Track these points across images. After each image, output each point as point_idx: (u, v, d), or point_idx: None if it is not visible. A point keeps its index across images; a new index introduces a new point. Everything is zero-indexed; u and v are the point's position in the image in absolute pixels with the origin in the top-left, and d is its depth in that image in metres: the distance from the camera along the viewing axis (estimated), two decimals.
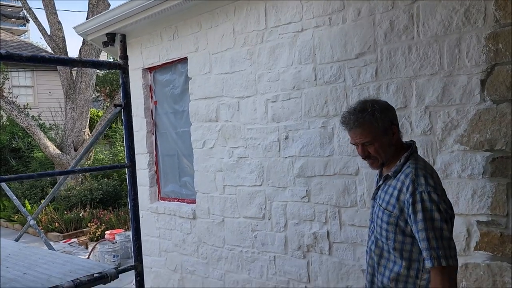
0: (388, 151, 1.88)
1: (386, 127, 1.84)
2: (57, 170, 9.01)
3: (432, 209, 1.69)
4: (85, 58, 2.09)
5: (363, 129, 1.84)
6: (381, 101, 1.94)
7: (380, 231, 1.88)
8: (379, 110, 1.83)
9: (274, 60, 3.45)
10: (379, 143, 1.85)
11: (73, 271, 1.95)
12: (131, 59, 4.80)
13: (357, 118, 1.84)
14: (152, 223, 4.76)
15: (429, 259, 1.67)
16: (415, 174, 1.75)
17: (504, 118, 2.34)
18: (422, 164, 1.83)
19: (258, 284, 3.73)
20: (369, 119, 1.82)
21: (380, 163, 1.91)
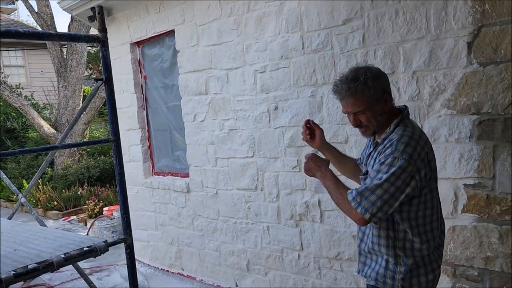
0: (380, 119, 1.84)
1: (378, 95, 1.79)
2: (39, 146, 9.02)
3: (394, 173, 1.67)
4: (61, 32, 2.05)
5: (355, 99, 1.79)
6: (373, 68, 1.85)
7: None
8: (372, 78, 1.76)
9: (261, 30, 3.40)
10: (371, 112, 1.81)
11: (64, 246, 1.97)
12: (118, 33, 4.75)
13: (349, 87, 1.78)
14: (147, 198, 4.80)
15: (352, 196, 1.72)
16: (397, 140, 1.73)
17: (491, 80, 2.32)
18: (410, 131, 1.78)
19: (253, 254, 3.80)
20: (362, 88, 1.76)
21: (372, 131, 1.88)
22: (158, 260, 4.84)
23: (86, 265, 5.33)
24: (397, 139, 1.74)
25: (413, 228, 1.80)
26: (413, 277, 1.82)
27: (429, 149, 1.78)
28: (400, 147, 1.70)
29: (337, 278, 3.23)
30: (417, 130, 1.82)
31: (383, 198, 1.68)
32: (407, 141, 1.72)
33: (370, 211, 1.69)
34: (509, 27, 2.23)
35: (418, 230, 1.81)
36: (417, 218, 1.80)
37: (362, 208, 1.70)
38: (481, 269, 2.47)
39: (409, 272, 1.81)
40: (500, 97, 2.30)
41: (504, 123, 2.29)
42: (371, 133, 1.89)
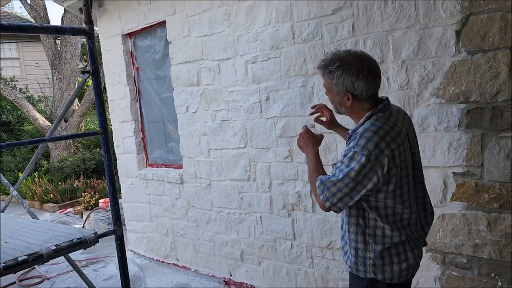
0: (338, 107, 1.89)
1: (339, 90, 1.80)
2: (26, 140, 9.00)
3: (353, 168, 1.69)
4: (47, 24, 2.02)
5: (323, 77, 1.88)
6: (353, 66, 1.75)
7: None
8: (339, 74, 1.76)
9: (251, 20, 3.38)
10: (332, 95, 1.88)
11: (54, 238, 1.98)
12: (110, 25, 4.72)
13: (325, 66, 1.82)
14: (141, 190, 4.81)
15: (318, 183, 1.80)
16: (360, 135, 1.74)
17: (479, 69, 2.32)
18: (376, 126, 1.75)
19: (246, 244, 3.82)
20: (328, 74, 1.80)
21: (336, 110, 1.95)
22: (153, 251, 4.87)
23: (82, 257, 5.36)
24: (361, 133, 1.74)
25: (382, 217, 1.81)
26: (385, 265, 1.83)
27: (396, 145, 1.73)
28: (362, 142, 1.71)
29: (329, 266, 3.26)
30: (386, 125, 1.76)
31: (343, 191, 1.73)
32: (370, 136, 1.71)
33: (330, 201, 1.76)
34: (496, 15, 2.23)
35: (387, 219, 1.81)
36: (386, 207, 1.80)
37: (324, 197, 1.78)
38: (469, 256, 2.49)
39: (380, 259, 1.83)
40: (488, 85, 2.30)
41: (492, 112, 2.30)
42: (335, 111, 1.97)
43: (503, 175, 2.30)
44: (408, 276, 1.88)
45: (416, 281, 2.71)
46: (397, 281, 1.85)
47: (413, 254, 1.86)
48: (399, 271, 1.83)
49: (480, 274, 2.46)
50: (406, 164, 1.79)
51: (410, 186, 1.84)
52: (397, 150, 1.74)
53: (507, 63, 2.23)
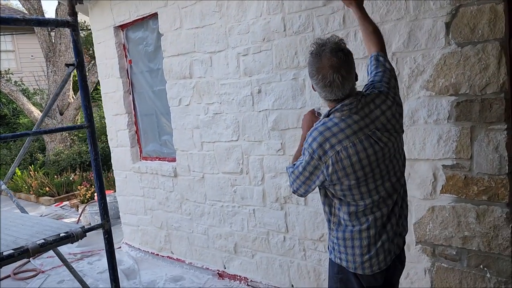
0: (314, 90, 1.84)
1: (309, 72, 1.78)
2: (10, 133, 8.96)
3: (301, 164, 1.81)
4: (29, 16, 1.99)
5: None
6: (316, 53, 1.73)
7: None
8: (309, 57, 1.76)
9: (243, 12, 3.36)
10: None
11: (40, 232, 1.98)
12: (102, 17, 4.68)
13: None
14: (136, 183, 4.80)
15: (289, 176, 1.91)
16: (310, 132, 1.79)
17: (468, 61, 2.31)
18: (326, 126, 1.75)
19: (240, 237, 3.83)
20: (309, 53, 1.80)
21: None
22: (148, 244, 4.88)
23: (77, 250, 5.37)
24: (311, 130, 1.79)
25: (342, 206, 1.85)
26: (348, 254, 1.86)
27: (342, 147, 1.70)
28: (308, 140, 1.77)
29: (321, 259, 3.27)
30: (337, 126, 1.73)
31: (298, 180, 1.85)
32: (315, 136, 1.75)
33: (292, 186, 1.91)
34: (486, 6, 2.21)
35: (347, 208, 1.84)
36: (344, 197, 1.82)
37: (289, 180, 1.93)
38: (459, 248, 2.50)
39: (343, 246, 1.87)
40: (477, 78, 2.29)
41: (481, 104, 2.30)
42: None
43: (492, 167, 2.30)
44: (374, 269, 1.84)
45: (407, 273, 2.72)
46: (361, 272, 1.85)
47: (375, 247, 1.83)
48: (361, 262, 1.84)
49: (469, 266, 2.47)
50: (362, 164, 1.73)
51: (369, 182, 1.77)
52: (344, 152, 1.70)
53: (496, 56, 2.22)
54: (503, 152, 2.26)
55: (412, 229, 2.66)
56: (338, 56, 1.69)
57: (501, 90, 2.23)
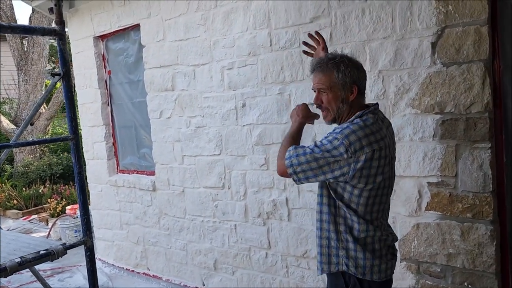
0: (340, 106, 1.84)
1: (345, 82, 1.80)
2: None
3: (329, 150, 1.72)
4: (15, 24, 1.91)
5: (323, 75, 1.83)
6: (354, 59, 1.89)
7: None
8: (346, 65, 1.80)
9: (229, 26, 3.35)
10: (333, 94, 1.83)
11: (18, 249, 1.87)
12: (81, 26, 4.58)
13: (321, 62, 1.85)
14: (112, 197, 4.66)
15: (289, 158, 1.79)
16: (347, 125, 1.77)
17: (453, 80, 2.36)
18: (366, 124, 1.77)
19: (220, 253, 3.75)
20: (332, 67, 1.81)
21: (332, 117, 1.89)
22: (123, 260, 4.72)
23: (47, 266, 5.14)
24: (348, 124, 1.77)
25: (353, 210, 1.83)
26: (358, 258, 1.83)
27: (379, 148, 1.76)
28: (345, 131, 1.73)
29: (304, 276, 3.23)
30: (374, 126, 1.79)
31: (310, 164, 1.75)
32: (356, 129, 1.73)
33: (294, 168, 1.79)
34: (471, 28, 2.27)
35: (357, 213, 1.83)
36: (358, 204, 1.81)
37: (289, 162, 1.79)
38: (443, 265, 2.52)
39: (353, 250, 1.83)
40: (462, 97, 2.34)
41: (466, 123, 2.34)
42: (331, 118, 1.90)
43: (476, 185, 2.34)
44: (381, 276, 1.85)
45: None
46: (369, 278, 1.84)
47: (383, 253, 1.87)
48: (371, 266, 1.83)
49: (453, 283, 2.49)
50: (383, 170, 1.80)
51: (384, 191, 1.86)
52: (378, 153, 1.75)
53: (480, 76, 2.28)
54: (487, 170, 2.30)
55: (397, 246, 2.66)
56: None
57: (485, 110, 2.28)
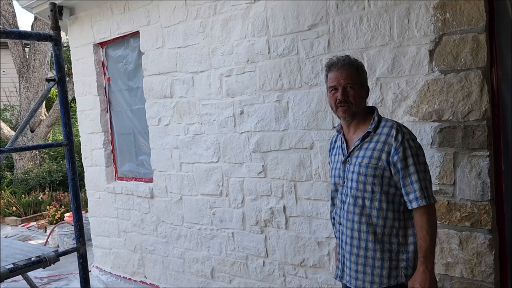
0: (361, 103, 1.97)
1: (365, 81, 2.01)
2: None
3: (418, 154, 1.87)
4: (10, 29, 1.92)
5: (353, 71, 1.94)
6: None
7: (364, 187, 1.91)
8: (362, 67, 2.02)
9: (227, 33, 3.35)
10: (358, 91, 1.95)
11: (10, 256, 1.85)
12: (81, 33, 4.60)
13: (351, 61, 1.97)
14: (109, 204, 4.64)
15: (423, 198, 1.81)
16: (398, 125, 1.89)
17: (451, 88, 2.35)
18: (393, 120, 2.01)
19: (217, 261, 3.72)
20: (359, 66, 1.98)
21: (353, 111, 1.95)
22: (120, 268, 4.68)
23: (44, 273, 5.11)
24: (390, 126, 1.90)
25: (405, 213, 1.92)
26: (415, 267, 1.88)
27: None
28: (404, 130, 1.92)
29: (302, 285, 3.19)
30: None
31: (431, 187, 1.89)
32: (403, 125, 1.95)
33: (432, 197, 1.87)
34: (469, 36, 2.27)
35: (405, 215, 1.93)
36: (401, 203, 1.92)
37: (432, 197, 1.86)
38: (442, 275, 2.48)
39: (412, 260, 1.89)
40: (460, 104, 2.33)
41: (464, 131, 2.33)
42: (351, 113, 1.95)
43: (475, 194, 2.32)
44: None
45: None
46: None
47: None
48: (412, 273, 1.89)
49: None
50: None
51: None
52: None
53: (478, 83, 2.27)
54: (486, 178, 2.28)
55: None
56: None
57: (483, 117, 2.26)
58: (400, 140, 1.85)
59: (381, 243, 1.90)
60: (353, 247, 1.95)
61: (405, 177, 1.84)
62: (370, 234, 1.90)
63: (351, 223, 1.96)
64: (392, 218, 1.90)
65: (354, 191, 1.94)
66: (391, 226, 1.90)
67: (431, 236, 1.82)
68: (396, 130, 1.87)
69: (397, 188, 1.89)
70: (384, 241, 1.89)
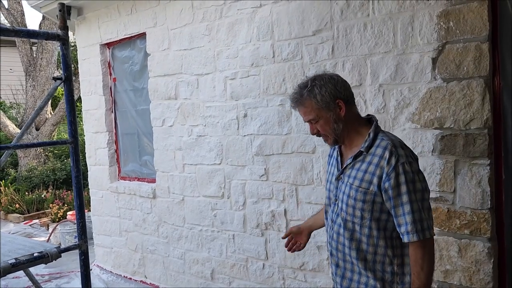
0: (336, 127, 1.75)
1: (328, 102, 1.72)
2: None
3: (415, 180, 1.63)
4: (18, 27, 1.95)
5: (304, 107, 1.76)
6: (326, 75, 1.79)
7: (353, 211, 1.73)
8: (319, 85, 1.72)
9: (233, 37, 3.38)
10: (323, 119, 1.75)
11: (13, 251, 1.88)
12: (89, 34, 4.65)
13: (296, 96, 1.78)
14: (112, 203, 4.67)
15: (415, 232, 1.60)
16: (393, 146, 1.66)
17: (453, 96, 2.37)
18: (392, 136, 1.77)
19: (217, 262, 3.74)
20: (308, 96, 1.74)
21: (333, 139, 1.79)
22: (121, 267, 4.71)
23: (45, 271, 5.14)
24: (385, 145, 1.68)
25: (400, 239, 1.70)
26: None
27: None
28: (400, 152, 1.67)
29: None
30: (394, 135, 1.83)
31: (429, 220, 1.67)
32: (401, 145, 1.71)
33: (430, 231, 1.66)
34: (472, 44, 2.29)
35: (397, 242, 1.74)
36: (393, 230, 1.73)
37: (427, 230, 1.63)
38: (440, 282, 2.49)
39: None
40: (462, 113, 2.34)
41: (465, 139, 2.34)
42: (332, 141, 1.81)
43: (475, 202, 2.33)
44: None
45: None
46: None
47: None
48: None
49: None
50: None
51: None
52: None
53: (480, 92, 2.28)
54: (486, 187, 2.29)
55: None
56: None
57: (484, 126, 2.28)
58: (393, 165, 1.63)
59: (373, 271, 1.73)
60: (347, 270, 1.81)
61: (396, 207, 1.64)
62: (361, 261, 1.74)
63: (342, 246, 1.81)
64: (384, 246, 1.71)
65: (344, 213, 1.77)
66: (383, 254, 1.71)
67: (426, 273, 1.63)
68: (390, 152, 1.65)
69: (390, 214, 1.70)
70: (376, 269, 1.72)
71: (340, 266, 1.83)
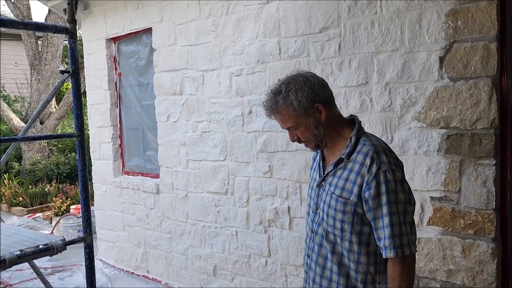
0: (317, 132, 1.64)
1: (305, 107, 1.59)
2: None
3: (397, 190, 1.51)
4: (27, 20, 1.95)
5: (281, 115, 1.63)
6: (301, 77, 1.64)
7: (334, 222, 1.62)
8: (294, 90, 1.59)
9: (239, 33, 3.38)
10: (303, 125, 1.63)
11: (18, 243, 1.89)
12: (95, 28, 4.65)
13: (271, 104, 1.65)
14: (115, 198, 4.69)
15: (392, 248, 1.48)
16: (375, 152, 1.54)
17: (460, 96, 2.36)
18: (376, 140, 1.62)
19: (220, 259, 3.75)
20: (284, 103, 1.60)
21: (314, 144, 1.69)
22: (123, 262, 4.73)
23: (48, 264, 5.17)
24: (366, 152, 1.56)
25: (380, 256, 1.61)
26: None
27: None
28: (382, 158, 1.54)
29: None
30: (379, 138, 1.68)
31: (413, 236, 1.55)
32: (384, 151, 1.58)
33: (413, 246, 1.53)
34: (479, 44, 2.28)
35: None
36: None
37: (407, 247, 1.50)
38: (443, 282, 2.49)
39: None
40: (468, 112, 2.34)
41: (471, 139, 2.33)
42: (313, 146, 1.70)
43: (479, 202, 2.32)
44: None
45: None
46: None
47: None
48: None
49: None
50: None
51: None
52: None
53: (487, 92, 2.27)
54: (491, 187, 2.28)
55: None
56: None
57: (491, 126, 2.27)
58: (374, 173, 1.51)
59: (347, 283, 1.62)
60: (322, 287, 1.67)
61: (376, 219, 1.52)
62: (342, 277, 1.63)
63: (323, 260, 1.68)
64: (365, 263, 1.59)
65: (325, 224, 1.65)
66: (365, 272, 1.60)
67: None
68: (371, 158, 1.52)
69: (365, 225, 1.58)
70: (356, 279, 1.61)
71: (316, 282, 1.71)
